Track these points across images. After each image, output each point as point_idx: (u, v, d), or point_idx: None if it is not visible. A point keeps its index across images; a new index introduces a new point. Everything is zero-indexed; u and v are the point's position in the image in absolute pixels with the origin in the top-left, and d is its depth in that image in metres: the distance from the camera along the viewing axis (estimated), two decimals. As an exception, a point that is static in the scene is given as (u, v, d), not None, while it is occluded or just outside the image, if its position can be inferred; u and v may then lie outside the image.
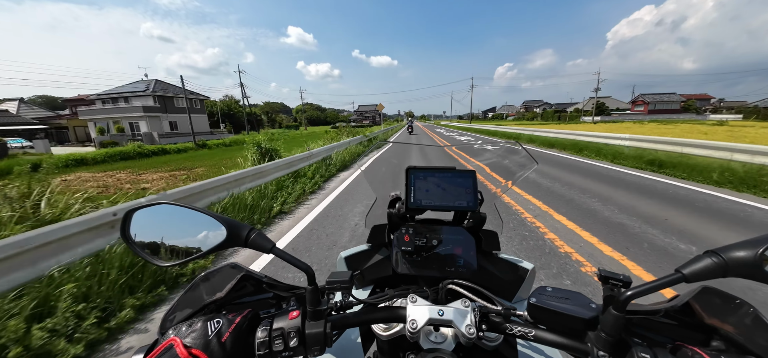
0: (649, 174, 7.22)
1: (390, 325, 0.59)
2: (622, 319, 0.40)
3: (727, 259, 0.36)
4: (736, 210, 4.50)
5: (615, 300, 0.41)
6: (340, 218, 4.45)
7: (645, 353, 0.39)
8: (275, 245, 0.48)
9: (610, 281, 0.45)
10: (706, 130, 22.65)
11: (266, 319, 0.49)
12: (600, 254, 3.15)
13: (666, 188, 5.82)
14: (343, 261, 0.87)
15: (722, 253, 0.37)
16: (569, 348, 0.46)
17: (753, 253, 0.35)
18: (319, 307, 0.49)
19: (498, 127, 28.06)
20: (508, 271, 0.81)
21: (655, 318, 0.47)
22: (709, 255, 0.38)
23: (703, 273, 0.37)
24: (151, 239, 0.49)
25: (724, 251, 0.37)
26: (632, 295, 0.39)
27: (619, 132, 13.05)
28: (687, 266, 0.38)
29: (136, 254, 0.48)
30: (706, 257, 0.38)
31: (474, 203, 0.74)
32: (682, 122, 45.78)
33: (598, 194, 5.45)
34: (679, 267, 0.39)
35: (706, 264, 0.37)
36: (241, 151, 10.13)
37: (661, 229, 3.74)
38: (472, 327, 0.48)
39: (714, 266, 0.37)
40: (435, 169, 0.77)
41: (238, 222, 0.49)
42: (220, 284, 0.55)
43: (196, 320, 0.44)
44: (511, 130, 23.12)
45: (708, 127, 29.86)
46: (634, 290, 0.40)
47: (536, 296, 0.49)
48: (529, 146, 14.40)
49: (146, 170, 12.40)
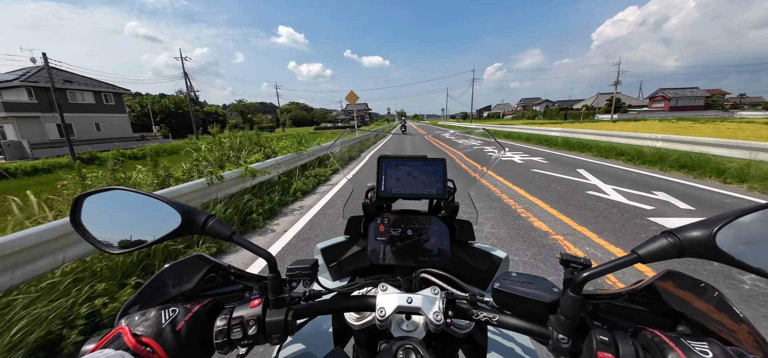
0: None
1: (362, 314, 0.61)
2: (580, 300, 0.40)
3: (682, 239, 0.36)
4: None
5: (572, 281, 0.41)
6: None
7: (604, 336, 0.38)
8: (234, 233, 0.48)
9: (570, 264, 0.46)
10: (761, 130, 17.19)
11: (228, 308, 0.49)
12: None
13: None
14: (320, 253, 0.86)
15: (678, 233, 0.37)
16: (531, 332, 0.46)
17: (707, 232, 0.35)
18: (280, 295, 0.49)
19: (511, 128, 21.11)
20: (482, 260, 0.82)
21: (619, 302, 0.47)
22: (665, 236, 0.38)
23: (658, 253, 0.37)
24: (102, 225, 0.48)
25: (679, 232, 0.37)
26: (588, 276, 0.40)
27: (654, 131, 11.05)
28: (643, 247, 0.38)
29: (87, 241, 0.47)
30: (662, 238, 0.38)
31: (443, 190, 0.73)
32: (713, 120, 39.90)
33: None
34: (635, 247, 0.39)
35: (661, 244, 0.37)
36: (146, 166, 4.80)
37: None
38: (440, 314, 0.48)
39: (669, 247, 0.37)
40: (406, 158, 0.77)
41: (195, 209, 0.48)
42: (187, 275, 0.54)
43: (151, 310, 0.44)
44: (532, 131, 17.75)
45: (757, 125, 24.18)
46: (589, 272, 0.40)
47: (500, 282, 0.48)
48: (576, 155, 10.46)
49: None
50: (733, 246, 0.35)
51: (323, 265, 0.85)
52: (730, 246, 0.35)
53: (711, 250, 0.35)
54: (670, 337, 0.35)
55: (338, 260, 0.84)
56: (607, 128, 18.30)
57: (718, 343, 0.34)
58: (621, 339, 0.38)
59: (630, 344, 0.37)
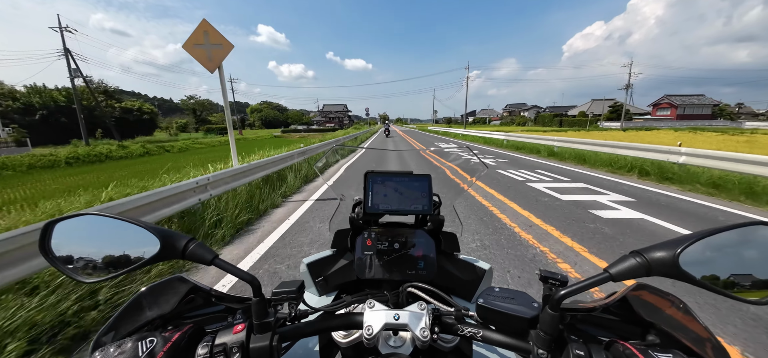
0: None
1: (349, 331, 0.60)
2: (557, 317, 0.42)
3: (649, 259, 0.38)
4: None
5: (551, 299, 0.42)
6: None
7: (580, 350, 0.40)
8: (217, 256, 0.46)
9: (549, 280, 0.48)
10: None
11: (210, 334, 0.47)
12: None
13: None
14: (306, 268, 0.85)
15: (646, 253, 0.39)
16: (513, 347, 0.47)
17: (671, 253, 0.37)
18: (265, 319, 0.48)
19: (525, 137, 15.58)
20: (467, 271, 0.83)
21: (595, 314, 0.49)
22: (635, 255, 0.40)
23: (628, 272, 0.39)
24: (75, 253, 0.46)
25: (647, 252, 0.39)
26: (565, 294, 0.41)
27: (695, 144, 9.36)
28: (614, 266, 0.40)
29: (58, 270, 0.45)
30: (631, 257, 0.40)
31: (429, 206, 0.74)
32: (725, 131, 36.01)
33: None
34: (608, 267, 0.41)
35: (631, 264, 0.39)
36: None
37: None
38: (426, 330, 0.49)
39: (638, 266, 0.39)
40: (393, 174, 0.77)
41: (175, 232, 0.47)
42: (165, 298, 0.52)
43: (127, 340, 0.42)
44: (538, 142, 14.14)
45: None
46: (566, 289, 0.41)
47: (484, 297, 0.50)
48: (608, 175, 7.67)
49: None
50: (696, 267, 0.37)
51: (309, 280, 0.84)
52: (692, 267, 0.37)
53: (675, 270, 0.37)
54: (640, 350, 0.37)
55: (325, 275, 0.84)
56: (621, 138, 15.93)
57: (682, 355, 0.36)
58: (595, 352, 0.40)
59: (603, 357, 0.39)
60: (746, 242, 0.38)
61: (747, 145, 15.07)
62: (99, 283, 1.15)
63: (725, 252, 0.38)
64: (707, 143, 16.12)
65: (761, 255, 0.37)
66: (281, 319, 0.52)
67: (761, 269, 0.37)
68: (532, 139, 14.66)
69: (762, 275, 0.36)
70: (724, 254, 0.37)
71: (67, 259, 0.45)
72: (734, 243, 0.38)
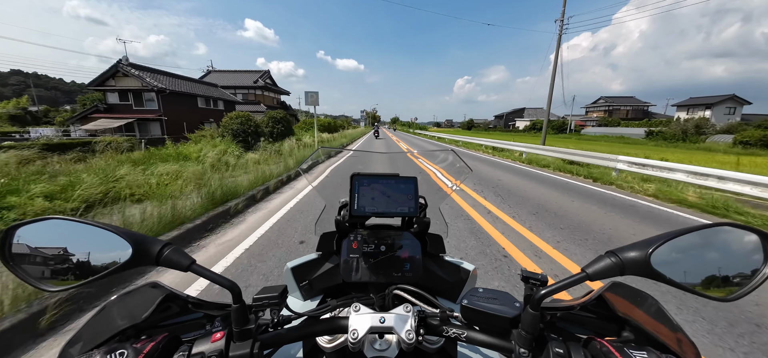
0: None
1: (335, 336, 0.59)
2: (538, 316, 0.43)
3: (623, 259, 0.40)
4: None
5: (531, 299, 0.44)
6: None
7: (559, 348, 0.41)
8: (195, 262, 0.44)
9: (529, 280, 0.49)
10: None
11: (186, 343, 0.45)
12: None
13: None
14: (290, 272, 0.84)
15: (620, 253, 0.40)
16: (496, 347, 0.48)
17: (643, 253, 0.39)
18: (246, 326, 0.46)
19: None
20: (452, 272, 0.84)
21: (574, 312, 0.50)
22: (609, 255, 0.41)
23: (603, 272, 0.40)
24: (39, 260, 0.43)
25: (621, 252, 0.40)
26: (544, 294, 0.42)
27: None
28: (590, 266, 0.41)
29: (20, 279, 0.42)
30: (606, 257, 0.41)
31: (415, 209, 0.74)
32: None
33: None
34: (585, 266, 0.42)
35: (606, 264, 0.40)
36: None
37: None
38: (412, 332, 0.49)
39: (612, 266, 0.40)
40: (379, 176, 0.77)
41: (149, 237, 0.44)
42: (138, 306, 0.49)
43: (95, 353, 0.39)
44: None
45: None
46: (546, 289, 0.43)
47: (468, 298, 0.50)
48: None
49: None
50: (666, 266, 0.39)
51: (293, 284, 0.83)
52: (663, 266, 0.39)
53: (646, 269, 0.39)
54: (616, 346, 0.39)
55: (309, 279, 0.83)
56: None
57: (655, 351, 0.38)
58: (574, 350, 0.41)
59: (581, 355, 0.40)
60: (711, 243, 0.40)
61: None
62: (64, 292, 1.08)
63: (693, 252, 0.39)
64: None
65: (725, 255, 0.39)
66: (263, 325, 0.50)
67: (725, 267, 0.39)
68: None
69: (725, 273, 0.39)
70: (691, 254, 0.39)
71: (30, 267, 0.43)
72: (701, 244, 0.40)
